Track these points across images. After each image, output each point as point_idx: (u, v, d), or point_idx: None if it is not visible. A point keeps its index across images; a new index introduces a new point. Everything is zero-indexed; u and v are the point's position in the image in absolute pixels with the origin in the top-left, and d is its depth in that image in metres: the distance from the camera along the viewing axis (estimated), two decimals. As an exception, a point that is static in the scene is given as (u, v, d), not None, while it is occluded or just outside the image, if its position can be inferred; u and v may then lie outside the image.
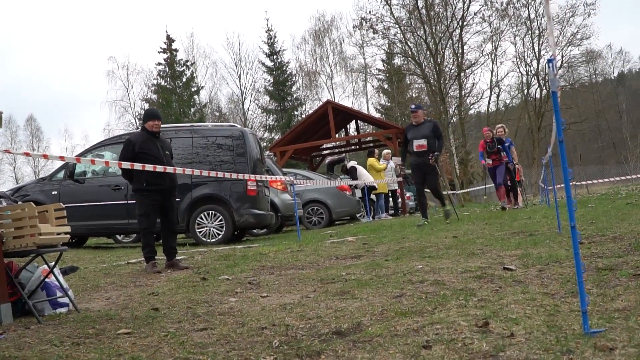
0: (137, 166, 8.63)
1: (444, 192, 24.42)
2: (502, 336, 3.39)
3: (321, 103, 37.39)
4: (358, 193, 21.51)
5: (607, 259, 5.83)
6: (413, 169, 13.61)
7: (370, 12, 49.20)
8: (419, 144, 13.16)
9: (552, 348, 3.08)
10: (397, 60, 56.74)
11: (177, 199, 9.68)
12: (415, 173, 13.61)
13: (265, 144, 51.07)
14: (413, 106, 13.82)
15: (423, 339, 3.50)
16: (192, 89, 61.34)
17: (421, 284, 5.49)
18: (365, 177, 21.30)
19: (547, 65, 3.46)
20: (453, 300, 4.53)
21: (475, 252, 7.43)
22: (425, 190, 14.45)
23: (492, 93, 53.70)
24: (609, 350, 2.98)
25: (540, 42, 50.43)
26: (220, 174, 11.65)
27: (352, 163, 22.84)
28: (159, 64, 60.62)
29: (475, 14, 49.10)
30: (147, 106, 56.88)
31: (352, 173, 21.60)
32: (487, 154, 17.62)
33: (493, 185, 21.72)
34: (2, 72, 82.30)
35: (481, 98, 53.59)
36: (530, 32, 50.97)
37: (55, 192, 13.91)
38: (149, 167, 8.68)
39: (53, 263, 5.87)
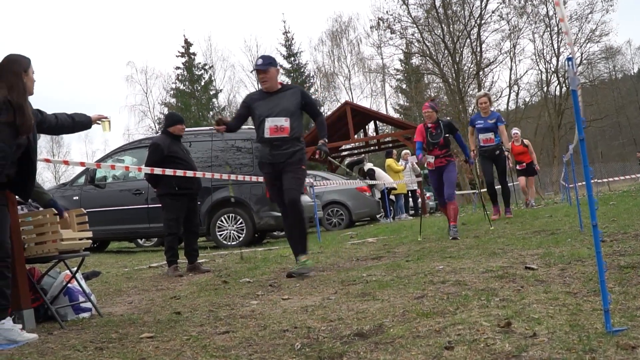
0: (163, 171, 8.67)
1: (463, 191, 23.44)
2: (524, 336, 3.38)
3: (339, 104, 37.42)
4: (378, 194, 21.50)
5: (629, 257, 5.79)
6: (266, 170, 7.85)
7: (387, 12, 49.54)
8: (276, 125, 7.53)
9: (575, 347, 3.07)
10: (415, 60, 56.65)
11: (198, 202, 9.73)
12: (268, 178, 7.88)
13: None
14: (260, 61, 7.74)
15: (445, 339, 3.50)
16: (211, 93, 61.49)
17: (442, 284, 5.48)
18: (385, 178, 21.26)
19: (566, 63, 3.45)
20: (475, 301, 4.52)
21: (497, 251, 7.41)
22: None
23: (512, 91, 53.51)
24: (631, 348, 2.96)
25: (560, 39, 50.24)
26: (240, 177, 11.69)
27: (369, 165, 22.73)
28: (178, 68, 60.91)
29: (493, 12, 49.09)
30: (166, 110, 57.11)
31: (370, 175, 21.56)
32: (428, 145, 10.58)
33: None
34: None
35: (500, 96, 53.40)
36: (549, 29, 50.84)
37: (77, 198, 13.99)
38: (179, 172, 8.74)
39: (75, 268, 5.90)
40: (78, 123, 5.81)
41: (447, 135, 10.56)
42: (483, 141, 13.19)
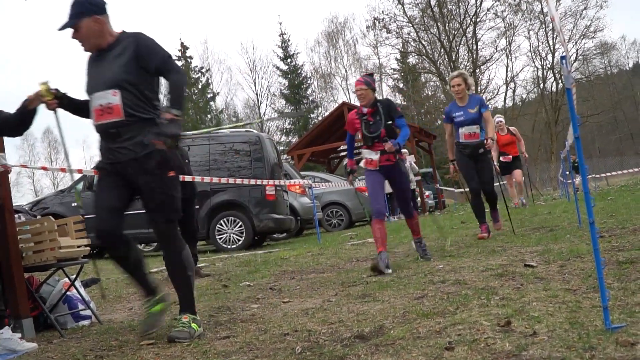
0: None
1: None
2: (524, 335, 3.38)
3: (337, 105, 37.44)
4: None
5: (627, 252, 5.80)
6: (103, 180, 5.02)
7: (383, 12, 49.60)
8: (101, 104, 4.72)
9: (575, 345, 3.06)
10: (412, 59, 56.75)
11: (196, 206, 9.72)
12: (104, 189, 5.00)
13: (282, 148, 51.20)
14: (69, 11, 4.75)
15: (445, 340, 3.50)
16: (208, 96, 61.59)
17: (442, 284, 5.48)
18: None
19: (560, 62, 3.46)
20: (475, 300, 4.52)
21: (496, 249, 7.41)
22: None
23: (508, 88, 53.74)
24: (630, 345, 2.96)
25: (555, 36, 50.35)
26: (238, 180, 11.70)
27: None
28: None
29: (488, 9, 49.33)
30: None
31: None
32: (365, 140, 7.53)
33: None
34: (18, 84, 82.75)
35: (497, 94, 53.60)
36: (544, 26, 50.96)
37: (75, 204, 13.99)
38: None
39: (74, 276, 5.90)
40: (12, 116, 4.94)
41: (390, 122, 7.46)
42: (465, 136, 9.46)
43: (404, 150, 23.24)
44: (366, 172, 7.61)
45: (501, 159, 16.06)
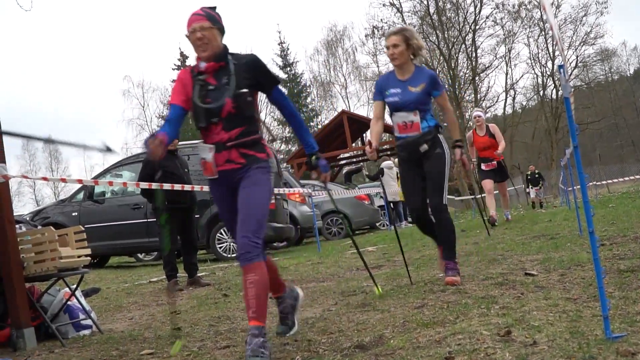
0: (156, 186, 8.69)
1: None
2: (524, 345, 3.37)
3: (336, 113, 37.49)
4: (377, 202, 21.45)
5: (629, 260, 5.78)
6: None
7: (381, 20, 49.67)
8: None
9: (575, 355, 3.05)
10: (411, 67, 56.70)
11: (196, 215, 9.73)
12: None
13: (282, 157, 51.14)
14: None
15: (445, 350, 3.48)
16: (208, 105, 61.43)
17: (442, 293, 5.46)
18: (390, 185, 20.93)
19: (558, 70, 3.46)
20: (475, 309, 4.51)
21: (496, 257, 7.39)
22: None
23: (508, 96, 53.68)
24: (631, 355, 2.94)
25: (554, 43, 50.36)
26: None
27: (388, 163, 21.90)
28: (174, 80, 60.80)
29: (487, 17, 49.27)
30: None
31: (380, 172, 21.29)
32: (197, 118, 4.32)
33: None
34: (19, 94, 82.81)
35: (497, 101, 53.59)
36: (543, 33, 50.95)
37: (76, 214, 14.01)
38: (166, 186, 8.75)
39: (75, 285, 5.90)
40: None
41: (245, 90, 4.32)
42: (399, 128, 6.08)
43: (391, 161, 23.08)
44: (210, 182, 4.40)
45: (483, 167, 13.22)
